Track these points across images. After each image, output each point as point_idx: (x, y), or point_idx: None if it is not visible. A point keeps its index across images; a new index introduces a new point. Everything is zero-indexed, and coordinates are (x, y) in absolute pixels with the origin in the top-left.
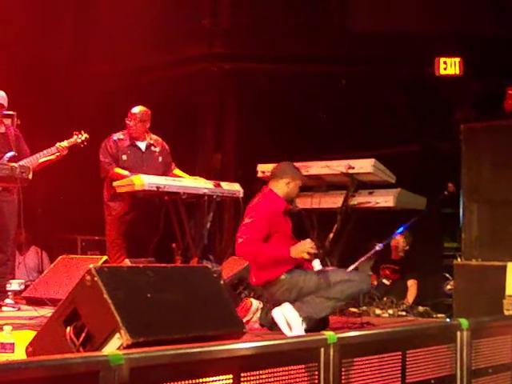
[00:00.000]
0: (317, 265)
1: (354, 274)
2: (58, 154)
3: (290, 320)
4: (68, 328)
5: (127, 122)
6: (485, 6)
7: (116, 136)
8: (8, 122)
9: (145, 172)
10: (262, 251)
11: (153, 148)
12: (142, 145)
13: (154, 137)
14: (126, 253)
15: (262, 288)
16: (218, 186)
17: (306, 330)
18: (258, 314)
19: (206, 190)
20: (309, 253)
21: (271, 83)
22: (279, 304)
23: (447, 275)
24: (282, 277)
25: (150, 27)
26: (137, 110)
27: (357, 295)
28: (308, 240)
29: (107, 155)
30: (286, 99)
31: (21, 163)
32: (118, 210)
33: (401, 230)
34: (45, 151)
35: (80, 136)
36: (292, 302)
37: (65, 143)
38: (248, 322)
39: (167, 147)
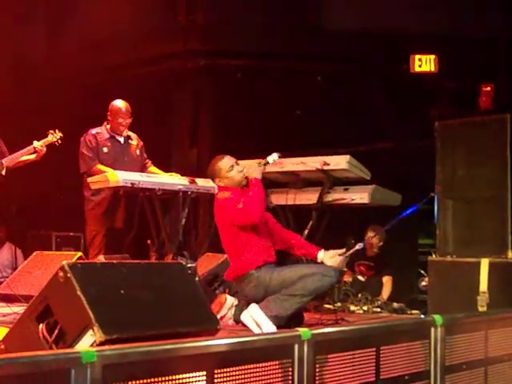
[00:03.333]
0: (271, 158)
1: (317, 268)
2: (36, 153)
3: (258, 320)
4: (40, 325)
5: (114, 119)
6: (461, 3)
7: (94, 130)
8: None
9: (126, 163)
10: (256, 197)
11: (130, 141)
12: (121, 138)
13: (131, 133)
14: (103, 249)
15: (233, 283)
16: (193, 182)
17: (278, 328)
18: (233, 311)
19: (181, 187)
20: (260, 165)
21: (246, 80)
22: (249, 300)
23: (422, 271)
24: (251, 272)
25: (126, 23)
26: (121, 104)
27: (323, 289)
28: (244, 168)
29: (88, 149)
30: (262, 96)
31: None
32: (100, 205)
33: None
34: (22, 150)
35: (55, 135)
36: (259, 302)
37: (41, 143)
38: (222, 317)
39: (142, 143)
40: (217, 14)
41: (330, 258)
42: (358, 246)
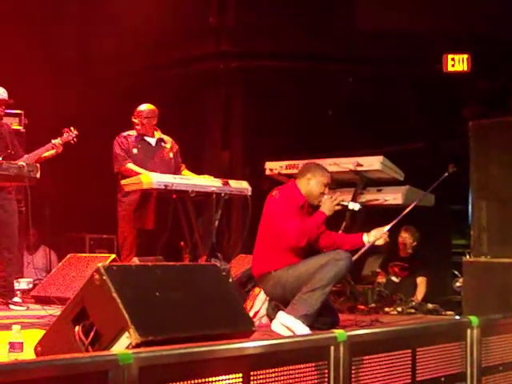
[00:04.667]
0: (353, 205)
1: (328, 256)
2: (53, 151)
3: (289, 325)
4: (76, 327)
5: (133, 120)
6: (493, 2)
7: (125, 133)
8: (9, 120)
9: (156, 165)
10: (309, 230)
11: (163, 144)
12: (152, 140)
13: (165, 136)
14: (137, 250)
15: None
16: (226, 184)
17: (310, 327)
18: (266, 305)
19: (214, 188)
20: (338, 204)
21: (278, 81)
22: (270, 299)
23: (456, 272)
24: (270, 272)
25: (157, 25)
26: (143, 107)
27: (341, 274)
28: (326, 196)
29: (121, 150)
30: (293, 97)
31: (22, 162)
32: (131, 206)
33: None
34: (41, 148)
35: (70, 133)
36: (279, 300)
37: (58, 140)
38: (256, 313)
39: (177, 147)
40: (247, 16)
41: (375, 232)
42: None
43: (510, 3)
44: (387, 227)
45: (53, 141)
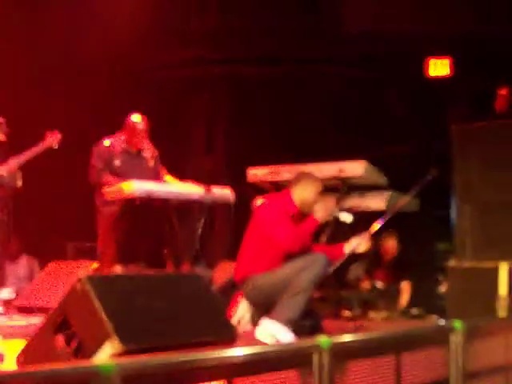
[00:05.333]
0: (346, 217)
1: (305, 259)
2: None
3: (273, 332)
4: (59, 336)
5: (130, 133)
6: (472, 4)
7: (107, 141)
8: None
9: (138, 176)
10: (303, 235)
11: (143, 153)
12: (133, 151)
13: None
14: (118, 259)
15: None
16: (209, 190)
17: (295, 332)
18: (250, 312)
19: (196, 196)
20: (330, 213)
21: (261, 86)
22: (252, 303)
23: (441, 277)
24: (250, 276)
25: (140, 29)
26: (138, 120)
27: (319, 276)
28: (319, 203)
29: (99, 161)
30: (277, 102)
31: (1, 171)
32: (111, 216)
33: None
34: (22, 155)
35: (53, 137)
36: (258, 305)
37: (39, 147)
38: (239, 322)
39: (156, 152)
40: (230, 22)
41: (354, 241)
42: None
43: (489, 4)
44: (365, 235)
45: (38, 150)
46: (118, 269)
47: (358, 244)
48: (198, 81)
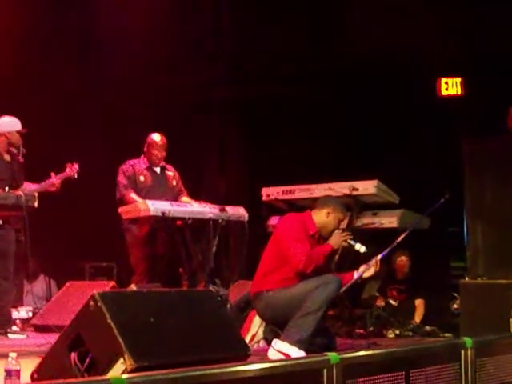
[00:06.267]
0: (360, 247)
1: (318, 280)
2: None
3: (285, 352)
4: (72, 353)
5: (146, 149)
6: (483, 23)
7: (132, 161)
8: (14, 150)
9: (162, 193)
10: (317, 258)
11: (166, 172)
12: (157, 169)
13: (165, 164)
14: (148, 276)
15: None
16: (223, 210)
17: (306, 351)
18: (263, 329)
19: (211, 215)
20: (346, 240)
21: (274, 107)
22: (264, 320)
23: (455, 294)
24: (264, 292)
25: (153, 50)
26: (156, 138)
27: (331, 296)
28: (337, 230)
29: (124, 178)
30: (289, 122)
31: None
32: (138, 233)
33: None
34: (41, 185)
35: (72, 168)
36: (268, 321)
37: (58, 180)
38: (253, 337)
39: (178, 175)
40: (244, 44)
41: (362, 268)
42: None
43: (502, 24)
44: (373, 260)
45: (54, 179)
46: (132, 287)
47: (366, 270)
48: (211, 102)
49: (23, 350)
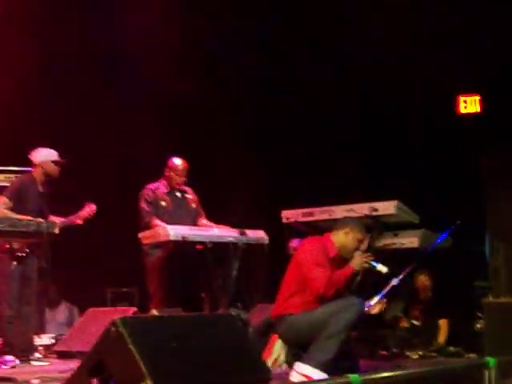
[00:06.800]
0: (381, 268)
1: (342, 303)
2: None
3: (307, 375)
4: (94, 379)
5: (167, 173)
6: (499, 39)
7: (152, 185)
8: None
9: (183, 217)
10: (338, 281)
11: (187, 195)
12: (178, 193)
13: (185, 187)
14: (169, 301)
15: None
16: (243, 233)
17: (328, 374)
18: (285, 352)
19: (231, 239)
20: (367, 261)
21: (294, 127)
22: (287, 343)
23: (479, 314)
24: (287, 315)
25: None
26: (178, 162)
27: (354, 320)
28: (358, 252)
29: (146, 204)
30: (309, 145)
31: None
32: (159, 258)
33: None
34: (65, 220)
35: (90, 208)
36: (291, 344)
37: (80, 219)
38: (276, 361)
39: (197, 198)
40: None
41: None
42: (394, 282)
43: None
44: (376, 298)
45: (78, 220)
46: (154, 312)
47: (374, 305)
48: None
49: (46, 376)
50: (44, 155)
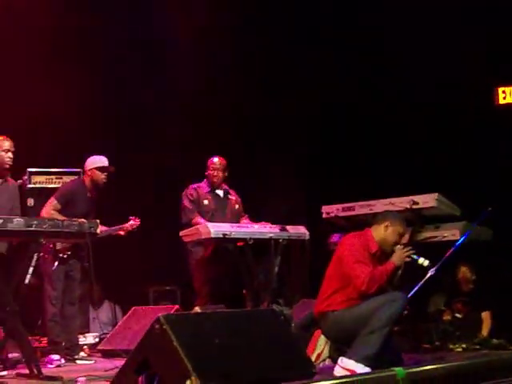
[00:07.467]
0: (423, 261)
1: (384, 297)
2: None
3: (351, 369)
4: (140, 377)
5: (208, 171)
6: None
7: (195, 185)
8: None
9: (225, 215)
10: (380, 278)
11: (229, 195)
12: (220, 192)
13: (228, 188)
14: (211, 297)
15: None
16: (284, 229)
17: (372, 368)
18: (328, 347)
19: (272, 235)
20: (409, 256)
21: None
22: (330, 339)
23: None
24: (329, 312)
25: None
26: (215, 159)
27: (396, 314)
28: (399, 246)
29: (189, 202)
30: (348, 140)
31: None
32: (201, 256)
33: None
34: (113, 228)
35: (134, 222)
36: (333, 340)
37: (123, 229)
38: (319, 355)
39: (240, 199)
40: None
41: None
42: (431, 272)
43: None
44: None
45: (121, 232)
46: (197, 310)
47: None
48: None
49: (91, 374)
50: (91, 162)
